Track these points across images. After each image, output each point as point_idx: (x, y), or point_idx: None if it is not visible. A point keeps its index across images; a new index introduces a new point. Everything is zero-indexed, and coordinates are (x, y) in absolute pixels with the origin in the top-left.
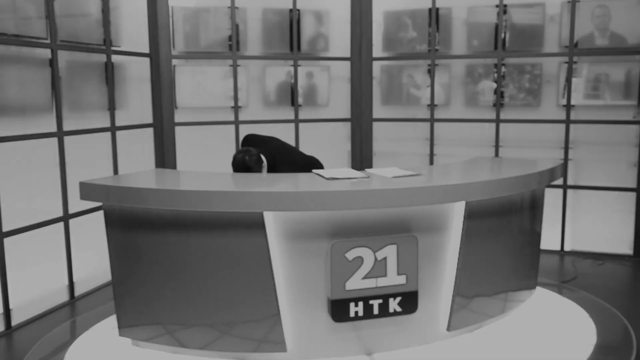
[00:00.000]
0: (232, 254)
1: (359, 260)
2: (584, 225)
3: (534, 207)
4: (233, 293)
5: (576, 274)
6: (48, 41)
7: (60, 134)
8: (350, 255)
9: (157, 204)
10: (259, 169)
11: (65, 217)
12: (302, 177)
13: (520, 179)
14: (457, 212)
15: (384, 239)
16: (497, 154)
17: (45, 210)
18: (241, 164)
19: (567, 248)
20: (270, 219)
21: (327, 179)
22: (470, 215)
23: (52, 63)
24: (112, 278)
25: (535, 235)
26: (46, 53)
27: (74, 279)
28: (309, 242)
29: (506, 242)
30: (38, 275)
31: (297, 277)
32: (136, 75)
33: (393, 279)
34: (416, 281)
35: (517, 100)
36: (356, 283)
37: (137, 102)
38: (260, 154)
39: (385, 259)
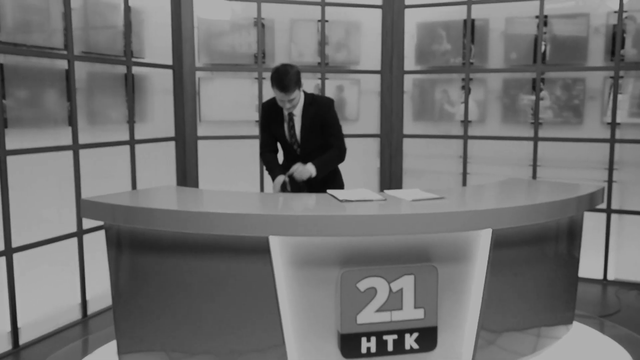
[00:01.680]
0: (236, 280)
1: (372, 291)
2: (630, 252)
3: (571, 234)
4: (237, 320)
5: (619, 307)
6: (65, 52)
7: (75, 147)
8: (363, 285)
9: (156, 224)
10: (296, 87)
11: (80, 233)
12: (312, 198)
13: (554, 206)
14: (482, 240)
15: (400, 269)
16: (534, 175)
17: (59, 225)
18: (282, 73)
19: (610, 277)
20: (276, 244)
21: (340, 200)
22: (498, 244)
23: (69, 74)
24: (112, 301)
25: (572, 265)
26: (64, 64)
27: (87, 297)
28: (317, 270)
29: (539, 273)
30: (49, 293)
31: (304, 307)
32: (160, 88)
33: (410, 312)
34: (435, 315)
35: (557, 117)
36: (369, 316)
37: (161, 115)
38: None
39: (401, 290)
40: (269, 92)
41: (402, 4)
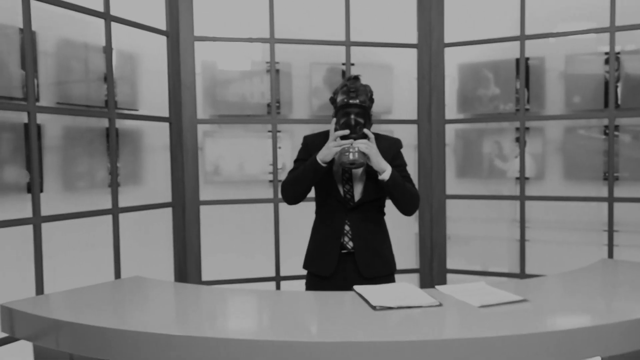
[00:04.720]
0: None
1: None
2: None
3: None
4: None
5: None
6: (25, 102)
7: (36, 221)
8: None
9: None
10: (367, 97)
11: None
12: (331, 299)
13: None
14: None
15: None
16: (611, 243)
17: None
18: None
19: None
20: None
21: (374, 308)
22: None
23: (28, 129)
24: None
25: None
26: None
27: None
28: None
29: None
30: None
31: None
32: (158, 144)
33: None
34: None
35: (634, 172)
36: None
37: (157, 176)
38: None
39: None
40: (285, 147)
41: (442, 43)
